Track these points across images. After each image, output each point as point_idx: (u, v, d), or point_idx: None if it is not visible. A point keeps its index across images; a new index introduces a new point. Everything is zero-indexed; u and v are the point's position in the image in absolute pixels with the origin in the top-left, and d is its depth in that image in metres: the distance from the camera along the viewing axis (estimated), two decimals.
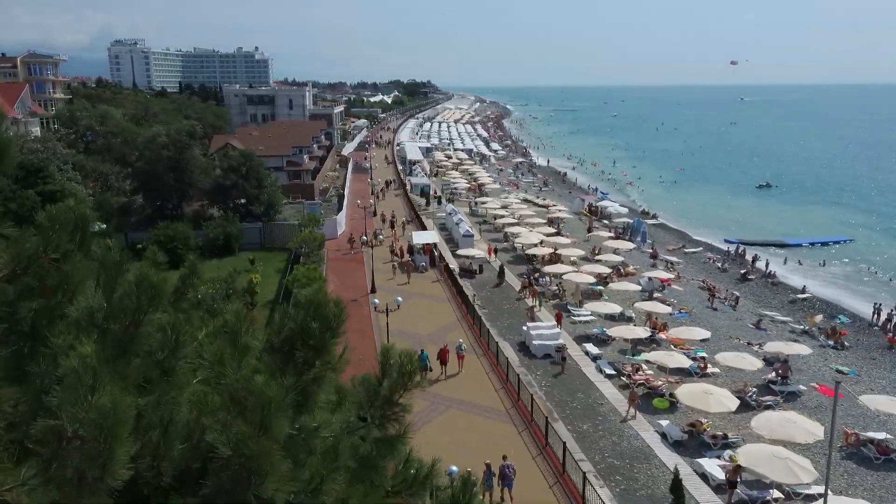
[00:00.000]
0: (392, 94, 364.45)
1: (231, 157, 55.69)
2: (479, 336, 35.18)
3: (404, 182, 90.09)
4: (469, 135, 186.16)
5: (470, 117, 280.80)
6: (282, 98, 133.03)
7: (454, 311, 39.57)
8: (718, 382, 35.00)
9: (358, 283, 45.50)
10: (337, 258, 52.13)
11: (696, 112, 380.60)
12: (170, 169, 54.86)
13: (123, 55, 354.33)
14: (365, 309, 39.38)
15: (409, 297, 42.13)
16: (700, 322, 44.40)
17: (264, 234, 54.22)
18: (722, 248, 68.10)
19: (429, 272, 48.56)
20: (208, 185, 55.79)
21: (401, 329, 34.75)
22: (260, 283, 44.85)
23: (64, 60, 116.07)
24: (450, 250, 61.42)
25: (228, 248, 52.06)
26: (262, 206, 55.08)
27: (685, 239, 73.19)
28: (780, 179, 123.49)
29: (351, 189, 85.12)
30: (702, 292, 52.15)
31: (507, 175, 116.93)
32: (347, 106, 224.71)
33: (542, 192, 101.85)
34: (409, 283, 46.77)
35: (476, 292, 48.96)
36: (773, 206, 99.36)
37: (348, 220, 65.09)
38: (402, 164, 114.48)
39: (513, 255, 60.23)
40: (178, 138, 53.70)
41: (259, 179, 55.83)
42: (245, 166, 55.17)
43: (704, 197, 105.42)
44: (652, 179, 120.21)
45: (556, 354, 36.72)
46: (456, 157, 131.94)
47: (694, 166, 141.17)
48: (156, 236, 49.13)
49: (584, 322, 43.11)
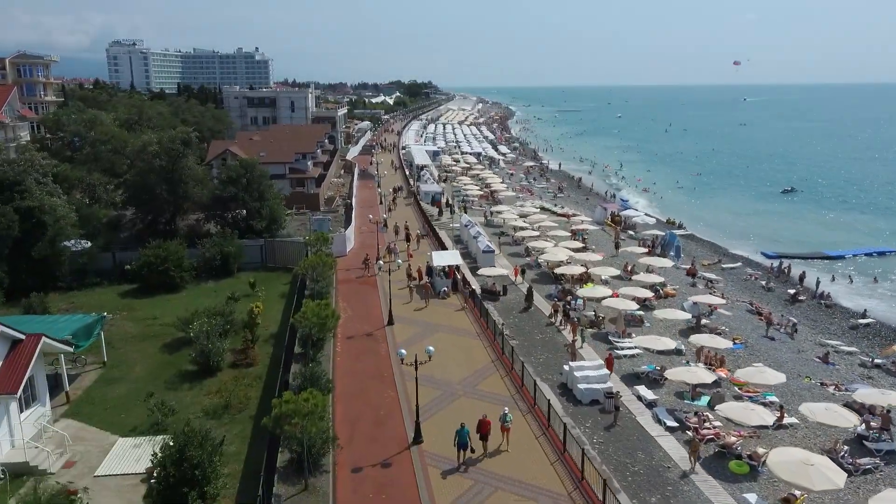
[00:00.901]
0: (393, 94, 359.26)
1: (230, 167, 50.54)
2: (522, 385, 29.94)
3: (414, 190, 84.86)
4: (475, 137, 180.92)
5: (474, 118, 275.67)
6: (283, 100, 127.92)
7: (487, 350, 34.30)
8: (799, 436, 29.92)
9: (372, 312, 40.30)
10: (347, 280, 46.91)
11: (701, 112, 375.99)
12: (162, 180, 49.76)
13: (122, 56, 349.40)
14: (383, 347, 34.22)
15: (432, 330, 36.92)
16: (758, 355, 39.29)
17: (266, 253, 49.09)
18: (762, 263, 62.94)
19: (451, 297, 43.30)
20: (205, 197, 50.67)
21: (428, 374, 29.62)
22: (262, 312, 39.70)
23: (56, 61, 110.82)
24: (468, 266, 56.39)
25: (226, 269, 46.93)
26: (263, 222, 49.91)
27: (720, 252, 67.99)
28: (803, 183, 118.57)
29: (358, 198, 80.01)
30: (751, 317, 47.00)
31: (518, 180, 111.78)
32: (350, 107, 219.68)
33: (557, 199, 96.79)
34: (428, 307, 41.62)
35: (502, 318, 43.86)
36: (803, 213, 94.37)
37: (357, 234, 59.96)
38: (409, 169, 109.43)
39: (537, 272, 55.10)
40: (170, 147, 48.54)
41: (261, 191, 50.69)
42: (245, 177, 50.06)
43: (728, 203, 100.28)
44: (668, 185, 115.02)
45: (606, 401, 31.60)
46: (464, 160, 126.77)
47: (711, 170, 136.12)
48: (145, 257, 44.01)
49: (631, 357, 37.95)
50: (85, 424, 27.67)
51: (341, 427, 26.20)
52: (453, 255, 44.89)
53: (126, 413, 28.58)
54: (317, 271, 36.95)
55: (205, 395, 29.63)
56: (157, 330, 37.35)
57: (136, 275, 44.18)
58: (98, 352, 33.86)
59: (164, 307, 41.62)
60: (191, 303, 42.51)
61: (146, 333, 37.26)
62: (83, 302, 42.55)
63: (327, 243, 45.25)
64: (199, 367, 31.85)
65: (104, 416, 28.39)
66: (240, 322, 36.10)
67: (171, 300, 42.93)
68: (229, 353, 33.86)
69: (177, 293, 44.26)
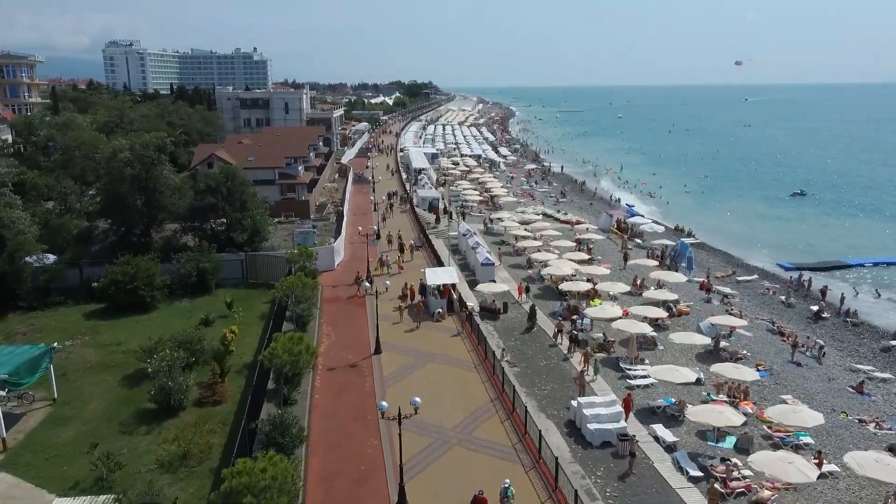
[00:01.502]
0: (393, 95, 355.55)
1: (209, 175, 46.77)
2: (525, 433, 26.13)
3: (410, 195, 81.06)
4: (475, 138, 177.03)
5: (474, 119, 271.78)
6: (277, 101, 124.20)
7: (485, 385, 30.48)
8: (842, 488, 26.16)
9: (359, 337, 36.53)
10: (334, 298, 43.12)
11: (702, 112, 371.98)
12: (136, 189, 46.03)
13: (118, 57, 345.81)
14: (368, 382, 30.46)
15: (424, 359, 33.13)
16: (785, 384, 35.57)
17: (247, 268, 45.36)
18: (780, 276, 59.15)
19: (445, 319, 39.48)
20: (182, 207, 46.93)
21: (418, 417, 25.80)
22: (237, 338, 35.95)
23: (41, 62, 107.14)
24: (466, 279, 52.67)
25: (203, 286, 43.18)
26: (244, 234, 46.12)
27: (733, 263, 64.19)
28: (812, 186, 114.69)
29: (351, 204, 76.30)
30: (773, 338, 43.24)
31: (519, 184, 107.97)
32: (348, 108, 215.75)
33: (559, 204, 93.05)
34: (420, 330, 37.88)
35: (502, 340, 40.14)
36: (814, 218, 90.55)
37: (348, 245, 56.24)
38: (406, 173, 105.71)
39: (540, 286, 51.37)
40: (143, 153, 44.79)
41: (243, 201, 46.91)
42: (226, 185, 46.31)
43: (737, 208, 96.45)
44: (675, 189, 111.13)
45: (620, 444, 27.87)
46: (464, 163, 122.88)
47: (717, 173, 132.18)
48: (112, 274, 40.25)
49: (644, 387, 34.20)
50: (20, 480, 23.94)
51: (315, 489, 22.46)
52: (449, 273, 41.05)
53: (69, 464, 24.84)
54: (296, 293, 33.16)
55: (161, 441, 25.87)
56: (119, 358, 33.61)
57: (104, 293, 40.47)
58: (48, 385, 30.15)
59: (132, 330, 37.90)
60: (162, 324, 38.84)
61: (106, 362, 33.53)
62: (43, 324, 38.85)
63: (311, 259, 41.45)
64: (159, 406, 28.13)
65: (44, 468, 24.66)
66: (210, 351, 32.33)
67: (140, 322, 39.20)
68: (196, 388, 30.15)
69: (147, 313, 40.53)
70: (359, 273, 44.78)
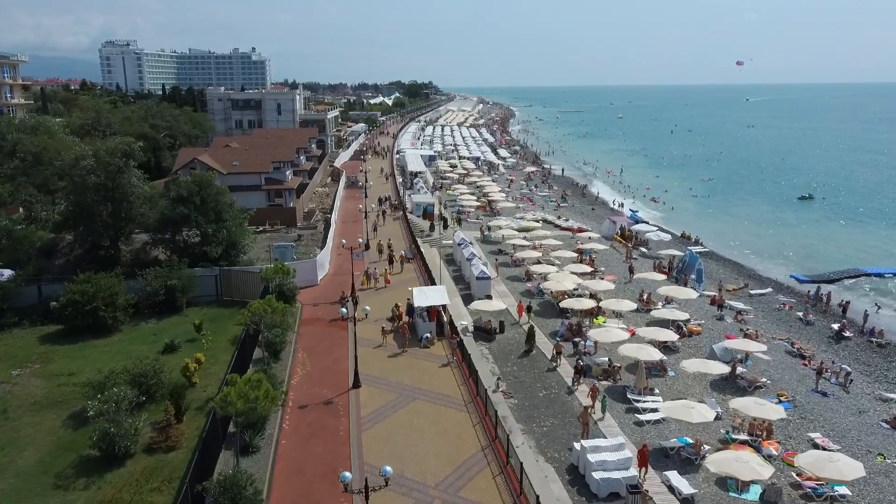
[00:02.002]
0: (393, 95, 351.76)
1: (180, 184, 43.17)
2: (521, 493, 22.48)
3: (402, 201, 77.37)
4: (474, 140, 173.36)
5: (474, 119, 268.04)
6: (269, 102, 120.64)
7: (476, 429, 26.69)
8: None
9: (338, 366, 32.91)
10: (313, 320, 39.42)
11: (703, 113, 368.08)
12: (102, 199, 42.45)
13: (114, 57, 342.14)
14: (343, 424, 26.80)
15: (408, 396, 29.45)
16: (811, 418, 32.03)
17: (222, 284, 41.84)
18: (795, 288, 55.56)
19: (434, 345, 35.81)
20: (152, 218, 43.36)
21: (397, 470, 22.27)
22: (203, 366, 32.41)
23: (24, 61, 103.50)
24: (460, 292, 49.10)
25: (172, 305, 39.63)
26: (219, 247, 42.53)
27: (744, 274, 60.57)
28: (820, 189, 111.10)
29: (342, 211, 72.74)
30: (793, 361, 39.68)
31: (518, 188, 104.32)
32: (346, 109, 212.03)
33: (560, 209, 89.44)
34: (405, 357, 34.29)
35: (498, 364, 36.58)
36: (825, 223, 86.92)
37: (335, 256, 52.64)
38: (401, 176, 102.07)
39: (539, 300, 47.82)
40: (108, 160, 41.22)
41: (218, 212, 43.34)
42: (199, 195, 42.73)
43: (745, 212, 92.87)
44: (680, 193, 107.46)
45: (629, 497, 24.33)
46: (461, 166, 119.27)
47: (721, 175, 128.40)
48: (70, 293, 36.68)
49: (655, 422, 30.63)
50: None
51: None
52: (439, 293, 37.38)
53: None
54: (266, 319, 29.58)
55: (98, 502, 22.30)
56: (68, 392, 30.02)
57: (61, 314, 36.92)
58: None
59: (89, 357, 34.35)
60: (123, 349, 35.31)
61: (53, 396, 29.96)
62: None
63: (288, 276, 37.84)
64: (103, 454, 24.56)
65: None
66: (168, 385, 28.76)
67: (98, 347, 35.62)
68: (149, 430, 26.59)
69: (109, 337, 36.94)
70: (343, 293, 41.04)
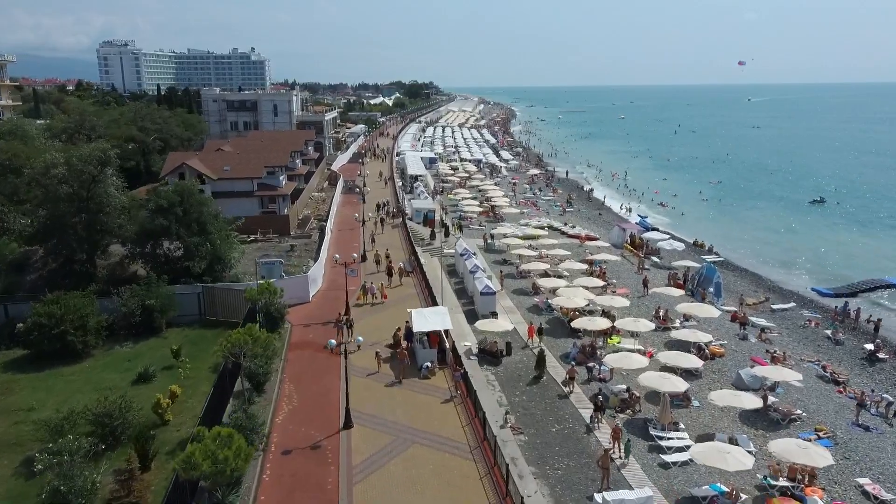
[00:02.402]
0: (393, 95, 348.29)
1: (160, 194, 39.88)
2: None
3: (402, 208, 74.01)
4: (476, 141, 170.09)
5: (475, 120, 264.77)
6: (265, 103, 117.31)
7: (482, 482, 23.33)
8: None
9: (327, 401, 29.55)
10: (303, 343, 36.04)
11: (706, 113, 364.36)
12: (77, 210, 39.21)
13: (112, 57, 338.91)
14: (331, 473, 23.51)
15: (405, 439, 26.04)
16: (854, 458, 28.76)
17: (205, 303, 38.63)
18: (818, 302, 52.26)
19: (435, 374, 32.43)
20: (130, 231, 40.10)
21: None
22: (179, 400, 29.15)
23: (12, 62, 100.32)
24: (462, 308, 45.85)
25: (151, 326, 36.40)
26: (203, 262, 39.28)
27: (763, 286, 57.22)
28: (832, 193, 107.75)
29: (338, 219, 69.43)
30: (827, 388, 36.35)
31: (522, 191, 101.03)
32: (345, 109, 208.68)
33: (566, 214, 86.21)
34: (402, 388, 30.96)
35: (505, 393, 33.34)
36: (840, 229, 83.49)
37: (328, 269, 49.30)
38: (401, 179, 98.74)
39: (548, 317, 44.58)
40: (81, 168, 37.97)
41: (201, 223, 40.08)
42: (181, 205, 39.47)
43: (756, 217, 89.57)
44: (690, 197, 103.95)
45: None
46: (463, 168, 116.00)
47: (729, 178, 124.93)
48: (37, 314, 33.43)
49: (682, 463, 27.35)
50: None
51: None
52: (440, 317, 33.97)
53: None
54: (247, 350, 26.30)
55: None
56: (25, 433, 26.71)
57: (26, 338, 33.68)
58: None
59: (54, 388, 31.10)
60: (93, 378, 32.10)
61: (8, 438, 26.66)
62: None
63: (275, 297, 34.54)
64: None
65: None
66: (136, 426, 25.49)
67: (66, 376, 32.36)
68: (111, 480, 23.33)
69: (79, 363, 33.68)
70: (339, 314, 37.48)
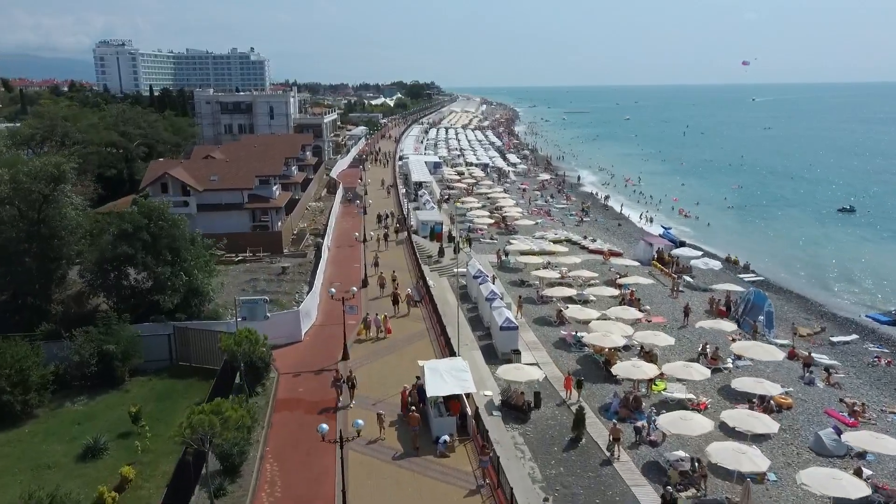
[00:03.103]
0: (395, 96, 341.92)
1: (124, 216, 33.72)
2: None
3: (407, 220, 67.70)
4: (481, 143, 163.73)
5: (479, 121, 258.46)
6: (261, 105, 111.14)
7: None
8: None
9: (318, 492, 23.34)
10: (292, 401, 29.65)
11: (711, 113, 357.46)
12: (27, 236, 33.18)
13: (109, 57, 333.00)
14: None
15: None
16: None
17: (177, 345, 32.55)
18: (882, 332, 46.11)
19: (455, 451, 26.07)
20: (90, 260, 33.99)
21: None
22: (134, 484, 23.05)
23: None
24: (478, 342, 39.76)
25: (110, 376, 30.35)
26: (175, 296, 33.17)
27: (813, 311, 51.06)
28: (860, 200, 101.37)
29: (336, 232, 63.14)
30: None
31: (533, 198, 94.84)
32: (346, 110, 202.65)
33: (582, 224, 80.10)
34: (413, 468, 24.79)
35: (538, 463, 27.24)
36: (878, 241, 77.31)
37: (324, 296, 42.82)
38: (404, 186, 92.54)
39: (578, 354, 38.54)
40: (29, 187, 31.81)
41: (174, 249, 34.02)
42: (148, 230, 33.40)
43: (784, 227, 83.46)
44: (713, 204, 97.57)
45: None
46: (469, 173, 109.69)
47: (749, 183, 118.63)
48: None
49: None
50: None
51: None
52: (459, 375, 27.39)
53: None
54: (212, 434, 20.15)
55: None
56: None
57: None
58: None
59: None
60: (30, 451, 26.00)
61: None
62: None
63: (258, 346, 28.36)
64: None
65: None
66: None
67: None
68: None
69: (17, 427, 27.55)
70: (337, 373, 30.99)
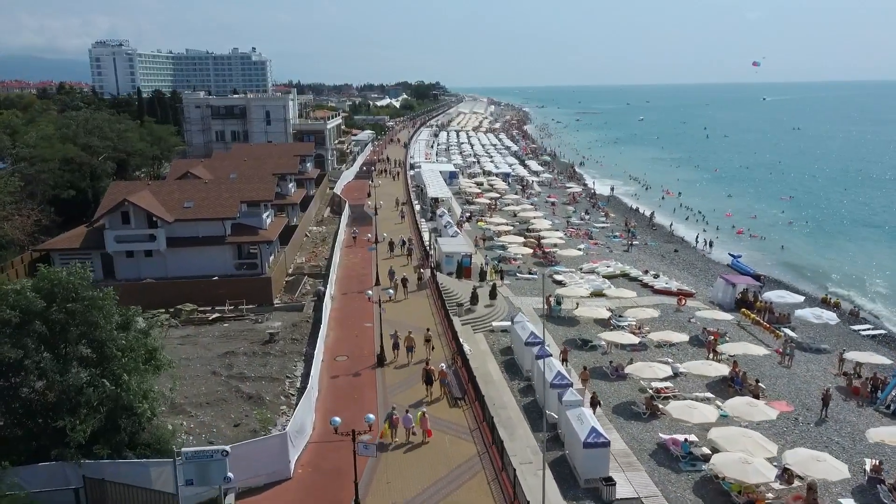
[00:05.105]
0: (400, 96, 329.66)
1: (9, 294, 21.33)
2: None
3: (429, 253, 54.74)
4: (496, 148, 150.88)
5: (489, 123, 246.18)
6: (256, 110, 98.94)
7: None
8: None
9: None
10: None
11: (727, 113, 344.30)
12: None
13: (105, 58, 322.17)
14: None
15: None
16: None
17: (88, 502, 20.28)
18: None
19: None
20: None
21: None
22: None
23: None
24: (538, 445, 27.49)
25: None
26: (90, 421, 20.70)
27: None
28: None
29: (342, 270, 50.73)
30: None
31: (564, 214, 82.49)
32: (350, 113, 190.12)
33: (631, 249, 67.70)
34: None
35: None
36: None
37: (325, 382, 30.75)
38: (418, 200, 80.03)
39: (692, 474, 26.40)
40: None
41: (96, 343, 21.83)
42: (48, 317, 21.15)
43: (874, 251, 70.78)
44: (769, 218, 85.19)
45: None
46: (488, 184, 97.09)
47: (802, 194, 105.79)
48: None
49: None
50: None
51: None
52: None
53: None
54: None
55: None
56: None
57: None
58: None
59: None
60: None
61: None
62: None
63: None
64: None
65: None
66: None
67: None
68: None
69: None
70: None
